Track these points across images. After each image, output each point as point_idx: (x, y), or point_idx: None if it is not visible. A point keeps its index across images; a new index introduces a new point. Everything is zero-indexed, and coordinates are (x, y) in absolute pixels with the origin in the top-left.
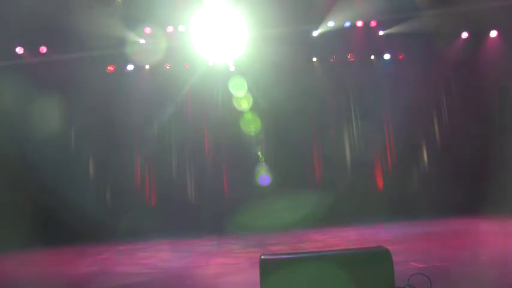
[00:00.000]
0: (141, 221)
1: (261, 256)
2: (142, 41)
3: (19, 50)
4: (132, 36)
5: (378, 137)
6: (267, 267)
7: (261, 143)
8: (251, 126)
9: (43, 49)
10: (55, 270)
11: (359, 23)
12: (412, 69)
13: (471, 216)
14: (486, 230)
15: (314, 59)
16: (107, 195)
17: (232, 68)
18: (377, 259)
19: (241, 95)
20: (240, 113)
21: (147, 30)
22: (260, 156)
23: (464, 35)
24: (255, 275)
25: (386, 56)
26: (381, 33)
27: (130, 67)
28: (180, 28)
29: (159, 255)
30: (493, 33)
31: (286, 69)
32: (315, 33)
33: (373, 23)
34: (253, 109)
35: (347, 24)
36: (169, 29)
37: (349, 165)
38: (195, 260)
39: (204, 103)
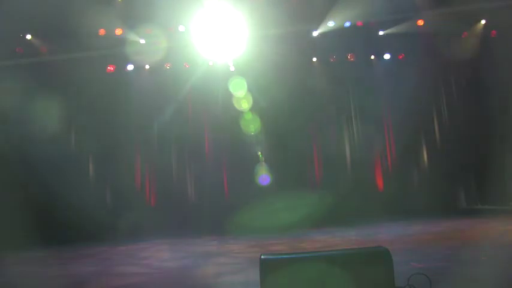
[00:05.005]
0: (141, 221)
1: (261, 256)
2: (142, 41)
3: (19, 49)
4: (132, 36)
5: (377, 137)
6: (267, 267)
7: (261, 143)
8: (251, 126)
9: (43, 49)
10: (55, 270)
11: (359, 23)
12: (412, 69)
13: (471, 216)
14: (486, 229)
15: (314, 59)
16: (107, 195)
17: (232, 68)
18: (377, 259)
19: (241, 95)
20: (240, 113)
21: (147, 30)
22: (260, 156)
23: (465, 35)
24: (255, 275)
25: (387, 56)
26: (380, 33)
27: (130, 67)
28: (180, 28)
29: (159, 255)
30: (493, 33)
31: (286, 69)
32: (315, 33)
33: (373, 23)
34: (253, 109)
35: (347, 24)
36: (170, 29)
37: (349, 165)
38: (195, 260)
39: (204, 103)
